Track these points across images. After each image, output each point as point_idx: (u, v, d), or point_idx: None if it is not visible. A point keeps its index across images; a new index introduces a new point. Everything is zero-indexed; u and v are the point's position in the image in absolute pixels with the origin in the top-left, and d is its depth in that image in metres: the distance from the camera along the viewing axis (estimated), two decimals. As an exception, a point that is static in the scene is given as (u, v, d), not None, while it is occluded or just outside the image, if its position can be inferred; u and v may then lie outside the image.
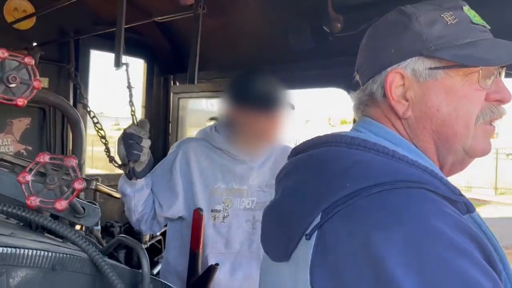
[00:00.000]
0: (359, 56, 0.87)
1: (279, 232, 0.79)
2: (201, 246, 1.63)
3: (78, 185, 0.75)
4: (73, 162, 0.75)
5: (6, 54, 0.98)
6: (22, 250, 0.81)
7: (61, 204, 0.74)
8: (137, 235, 2.61)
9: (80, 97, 2.70)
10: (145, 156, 1.59)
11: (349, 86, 2.15)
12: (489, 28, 0.80)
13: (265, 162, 1.85)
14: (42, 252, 0.83)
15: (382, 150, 0.73)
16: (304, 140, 0.86)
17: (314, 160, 0.79)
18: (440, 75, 0.76)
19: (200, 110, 3.34)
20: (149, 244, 2.77)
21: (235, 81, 1.78)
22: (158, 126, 3.19)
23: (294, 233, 0.71)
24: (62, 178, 0.76)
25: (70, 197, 0.75)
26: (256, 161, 1.82)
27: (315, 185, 0.73)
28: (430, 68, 0.76)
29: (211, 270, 1.57)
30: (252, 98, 1.63)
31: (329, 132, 0.84)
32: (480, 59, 0.73)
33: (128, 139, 1.55)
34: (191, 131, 3.18)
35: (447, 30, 0.76)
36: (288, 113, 1.70)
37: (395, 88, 0.78)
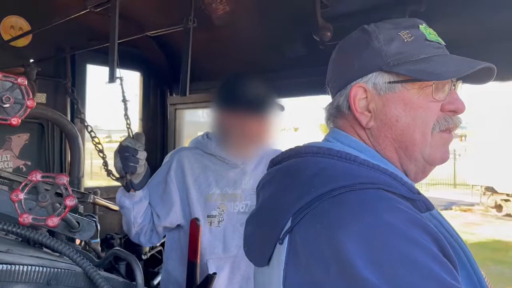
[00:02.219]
0: (329, 71, 0.94)
1: (258, 239, 0.85)
2: (199, 256, 1.65)
3: (70, 202, 0.77)
4: (65, 179, 0.77)
5: (-1, 76, 1.01)
6: (17, 266, 0.83)
7: (53, 221, 0.76)
8: (137, 247, 2.63)
9: (77, 112, 2.72)
10: (141, 168, 1.61)
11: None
12: (444, 44, 0.86)
13: (257, 166, 1.87)
14: (37, 268, 0.85)
15: (345, 156, 0.80)
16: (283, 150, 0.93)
17: (286, 171, 0.86)
18: (398, 88, 0.82)
19: (197, 120, 3.37)
20: (149, 255, 2.79)
21: (223, 86, 1.80)
22: (155, 137, 3.21)
23: (270, 239, 0.77)
24: (56, 193, 0.78)
25: (62, 214, 0.78)
26: (249, 165, 1.85)
27: (286, 194, 0.79)
28: (389, 82, 0.82)
29: (209, 279, 1.59)
30: (240, 101, 1.66)
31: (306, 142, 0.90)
32: (431, 74, 0.79)
33: (124, 152, 1.57)
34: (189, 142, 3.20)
35: (404, 47, 0.82)
36: (277, 115, 1.73)
37: (359, 100, 0.84)
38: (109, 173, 2.09)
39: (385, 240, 0.62)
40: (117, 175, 1.67)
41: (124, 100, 1.76)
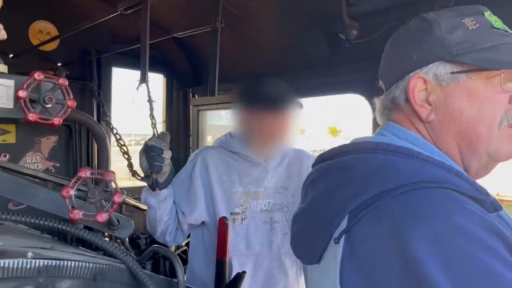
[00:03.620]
0: (382, 63, 0.89)
1: (307, 236, 0.82)
2: (227, 255, 1.66)
3: (118, 198, 0.78)
4: (112, 176, 0.79)
5: (42, 77, 1.04)
6: (65, 262, 0.85)
7: (102, 217, 0.78)
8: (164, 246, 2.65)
9: (103, 115, 2.77)
10: (167, 167, 1.64)
11: (367, 91, 2.16)
12: (511, 32, 0.81)
13: (279, 164, 1.90)
14: (84, 263, 0.87)
15: (407, 152, 0.75)
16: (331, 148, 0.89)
17: (341, 167, 0.81)
18: (462, 79, 0.77)
19: (220, 120, 3.39)
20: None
21: (244, 87, 1.85)
22: (178, 138, 3.24)
23: (322, 236, 0.74)
24: (103, 190, 0.80)
25: (110, 210, 0.79)
26: (272, 163, 1.87)
27: (341, 190, 0.75)
28: (452, 73, 0.77)
29: (238, 278, 1.59)
30: (260, 100, 1.69)
31: (355, 138, 0.86)
32: (501, 62, 0.74)
33: (149, 151, 1.60)
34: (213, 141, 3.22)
35: (468, 35, 0.77)
36: (296, 112, 1.75)
37: (418, 92, 0.79)
38: (134, 173, 2.13)
39: (456, 244, 0.59)
40: (143, 175, 1.70)
41: (150, 101, 1.79)
